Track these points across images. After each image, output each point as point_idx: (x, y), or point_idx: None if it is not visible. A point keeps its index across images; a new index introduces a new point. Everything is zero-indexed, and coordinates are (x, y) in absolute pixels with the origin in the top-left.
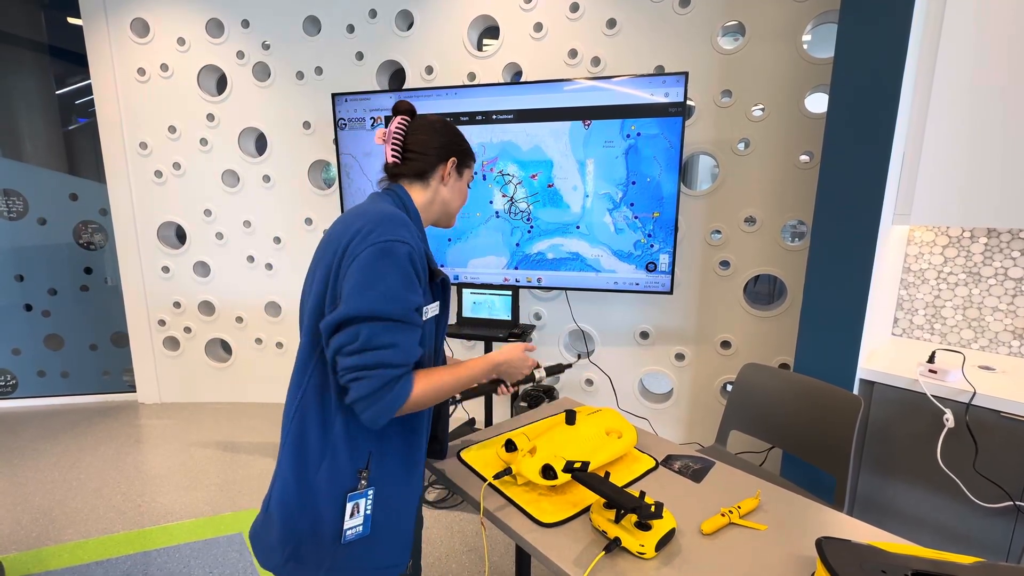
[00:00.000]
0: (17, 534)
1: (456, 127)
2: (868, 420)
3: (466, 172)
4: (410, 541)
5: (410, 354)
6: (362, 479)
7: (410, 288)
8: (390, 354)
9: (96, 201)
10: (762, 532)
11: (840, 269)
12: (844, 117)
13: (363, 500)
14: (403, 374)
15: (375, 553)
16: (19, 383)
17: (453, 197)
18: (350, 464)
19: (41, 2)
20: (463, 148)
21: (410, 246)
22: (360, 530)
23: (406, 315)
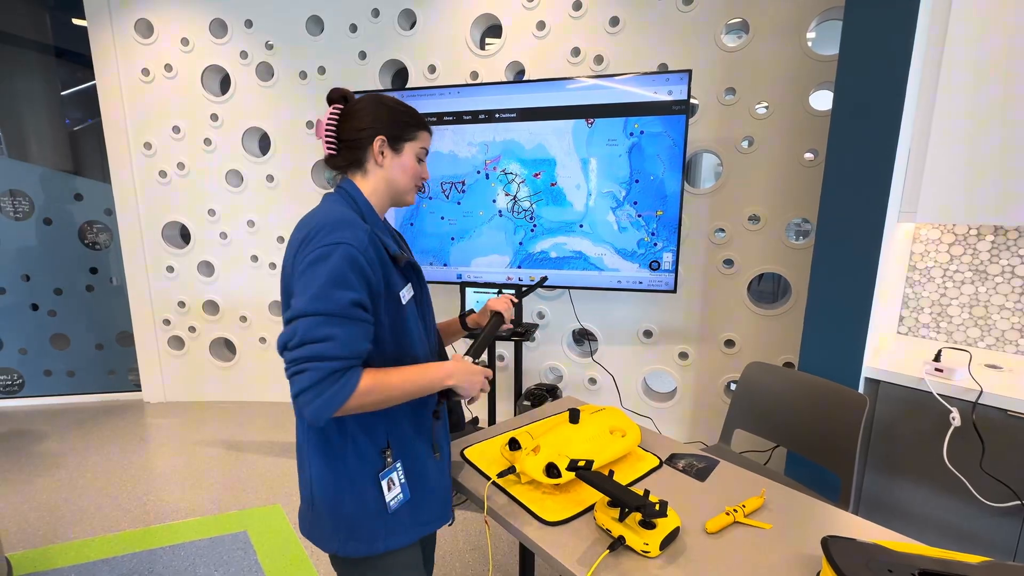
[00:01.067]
0: (24, 532)
1: (390, 101)
2: (873, 419)
3: (406, 146)
4: (449, 496)
5: (350, 347)
6: (387, 457)
7: (343, 286)
8: (327, 347)
9: (101, 201)
10: (767, 531)
11: (845, 267)
12: (849, 114)
13: (394, 474)
14: (345, 367)
15: (421, 511)
16: (25, 382)
17: (396, 176)
18: (372, 447)
19: (46, 3)
20: (394, 121)
21: (348, 244)
22: (401, 497)
23: (342, 310)
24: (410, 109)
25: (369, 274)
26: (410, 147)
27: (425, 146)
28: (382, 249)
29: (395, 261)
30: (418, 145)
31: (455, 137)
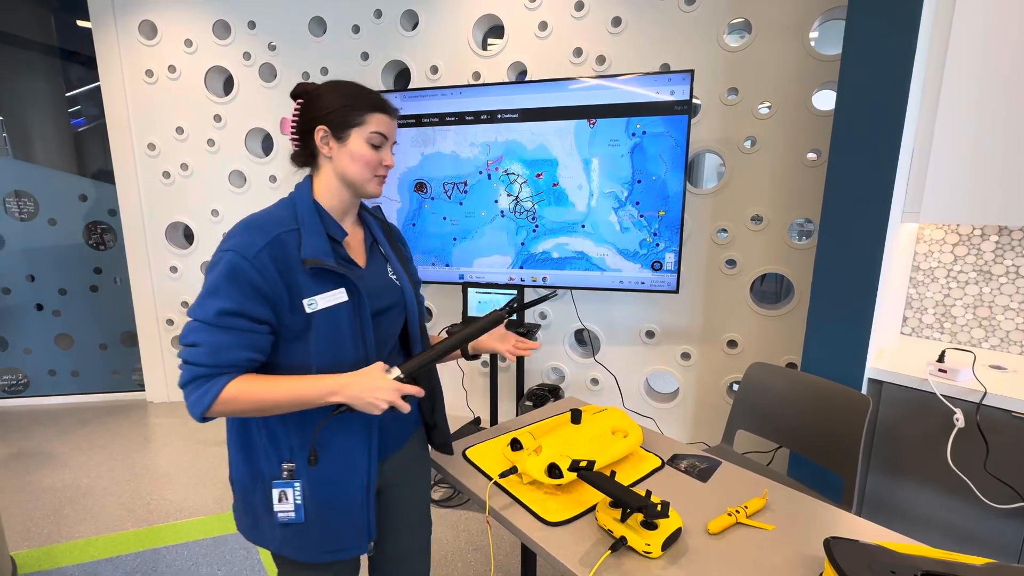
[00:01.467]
0: (29, 531)
1: (342, 87)
2: (877, 420)
3: (353, 133)
4: (364, 528)
5: (215, 356)
6: (285, 470)
7: (215, 295)
8: (194, 352)
9: (105, 202)
10: (769, 532)
11: (848, 267)
12: (852, 114)
13: (290, 490)
14: (209, 374)
15: (322, 538)
16: (30, 382)
17: (345, 167)
18: (275, 454)
19: (51, 5)
20: (337, 108)
21: (235, 252)
22: (292, 516)
23: (211, 319)
24: (359, 92)
25: (258, 281)
26: (358, 133)
27: (379, 130)
28: (293, 253)
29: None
30: (368, 130)
31: (457, 138)
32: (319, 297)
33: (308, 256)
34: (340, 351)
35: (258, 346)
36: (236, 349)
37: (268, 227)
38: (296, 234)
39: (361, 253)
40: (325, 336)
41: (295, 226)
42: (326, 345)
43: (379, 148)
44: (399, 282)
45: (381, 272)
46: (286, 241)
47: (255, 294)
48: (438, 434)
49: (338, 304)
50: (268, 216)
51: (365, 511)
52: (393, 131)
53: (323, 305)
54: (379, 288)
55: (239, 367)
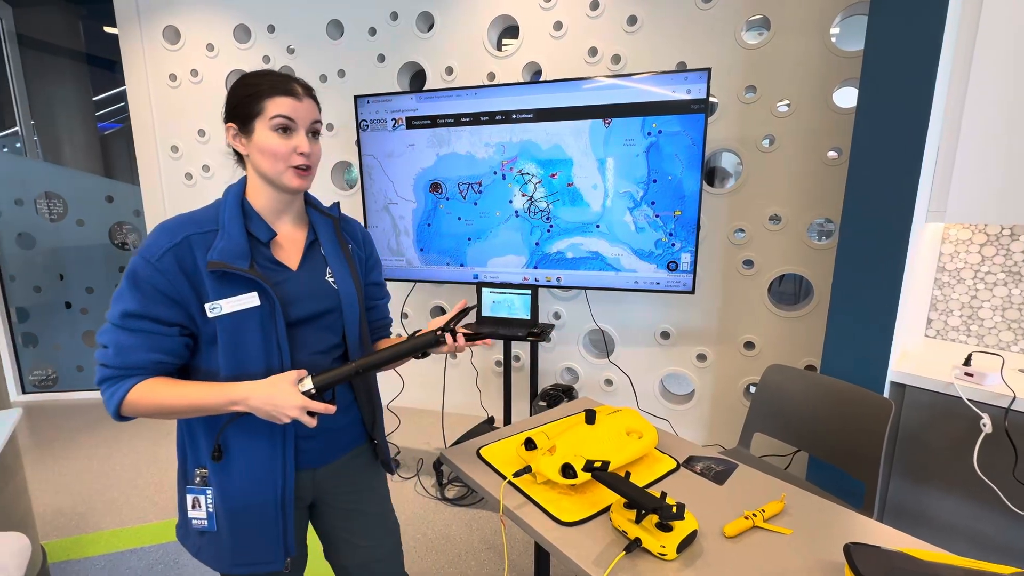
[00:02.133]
0: (58, 521)
1: (238, 81)
2: (899, 424)
3: (256, 124)
4: (278, 542)
5: (121, 358)
6: (198, 476)
7: (120, 298)
8: (102, 353)
9: (130, 203)
10: (787, 536)
11: (870, 268)
12: (875, 111)
13: (203, 497)
14: (116, 376)
15: (235, 550)
16: (59, 378)
17: (258, 162)
18: (193, 457)
19: (79, 12)
20: (235, 103)
21: (140, 257)
22: (205, 524)
23: (117, 321)
24: (258, 78)
25: (161, 283)
26: (260, 123)
27: (280, 112)
28: (199, 256)
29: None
30: (268, 116)
31: (472, 138)
32: (224, 301)
33: (213, 259)
34: (247, 359)
35: (166, 348)
36: (141, 351)
37: (179, 229)
38: (211, 236)
39: (295, 254)
40: (231, 342)
41: (214, 227)
42: (231, 352)
43: (288, 134)
44: (336, 285)
45: (316, 275)
46: (195, 243)
47: (159, 296)
48: (380, 450)
49: (247, 309)
50: (187, 217)
51: (279, 525)
52: (304, 113)
53: (228, 310)
54: (309, 292)
55: (146, 369)
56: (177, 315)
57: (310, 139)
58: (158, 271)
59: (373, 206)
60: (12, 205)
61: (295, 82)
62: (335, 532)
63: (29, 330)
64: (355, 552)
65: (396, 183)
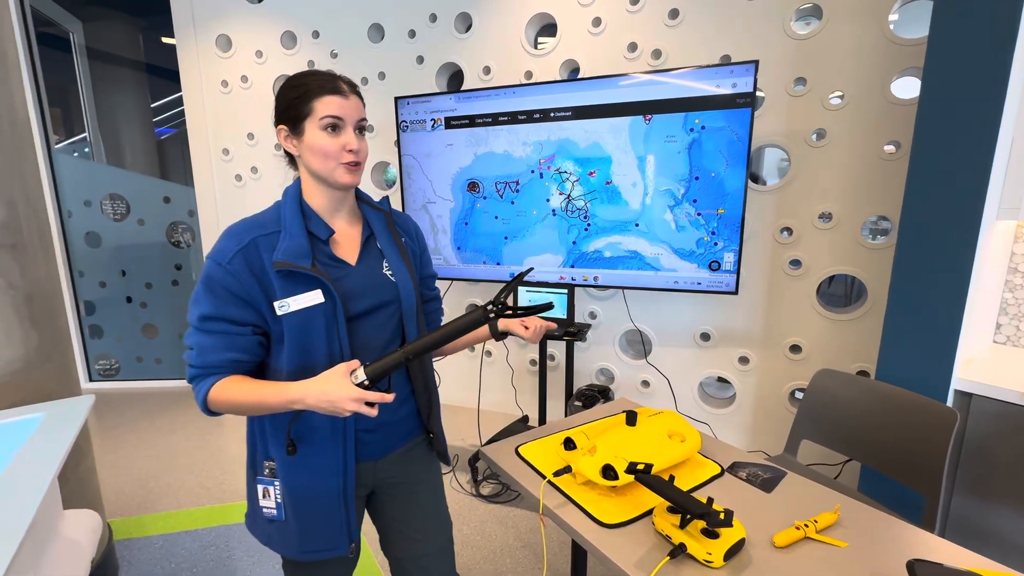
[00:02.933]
0: (121, 501)
1: (285, 83)
2: (964, 436)
3: (306, 125)
4: (343, 530)
5: (202, 358)
6: (267, 468)
7: (196, 302)
8: (187, 354)
9: (185, 203)
10: (842, 549)
11: (933, 269)
12: (940, 101)
13: (271, 488)
14: (200, 374)
15: (302, 538)
16: (121, 367)
17: (309, 161)
18: (262, 450)
19: (139, 25)
20: (284, 105)
21: (212, 260)
22: (274, 513)
23: (196, 323)
24: (304, 79)
25: (233, 285)
26: (310, 124)
27: (329, 113)
28: (266, 257)
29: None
30: (318, 116)
31: (509, 137)
32: (291, 299)
33: (279, 258)
34: (311, 354)
35: (241, 347)
36: (219, 351)
37: (245, 233)
38: (275, 236)
39: (354, 250)
40: (297, 338)
41: (277, 228)
42: (297, 347)
43: (337, 132)
44: (395, 279)
45: (374, 269)
46: (261, 245)
47: (232, 298)
48: (436, 442)
49: (312, 306)
50: (251, 221)
51: (343, 513)
52: (351, 111)
53: (295, 307)
54: (368, 287)
55: (224, 368)
56: (249, 315)
57: (357, 135)
58: (229, 273)
59: (412, 205)
60: (81, 206)
61: (340, 80)
62: (392, 524)
63: (95, 322)
64: (410, 545)
65: (434, 183)
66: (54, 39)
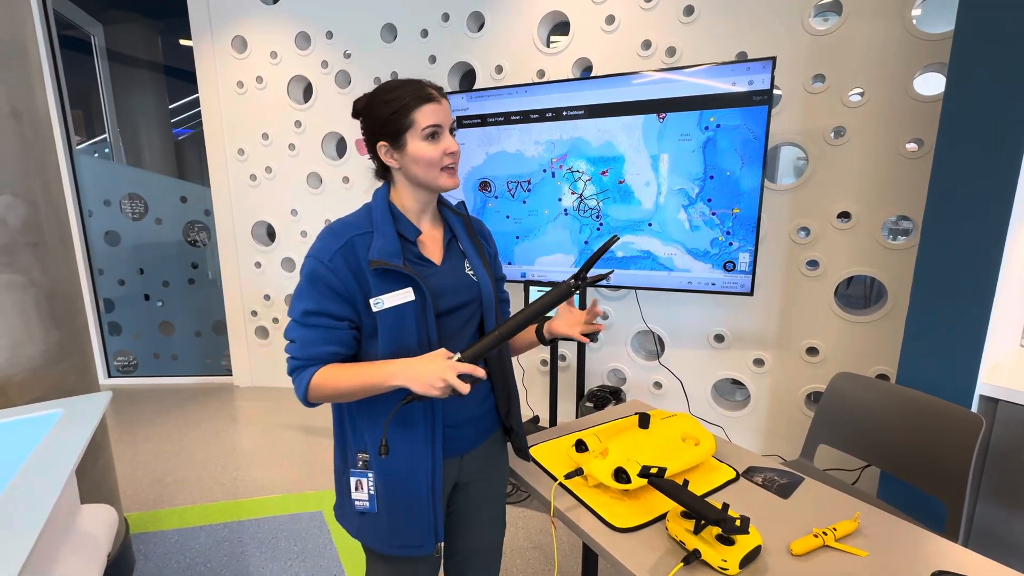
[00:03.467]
0: (138, 495)
1: (377, 98)
2: (989, 442)
3: (407, 137)
4: (430, 528)
5: (304, 351)
6: (360, 460)
7: (300, 297)
8: (290, 347)
9: (201, 203)
10: (862, 559)
11: (958, 270)
12: (966, 98)
13: (364, 480)
14: (300, 366)
15: (391, 531)
16: (139, 364)
17: (412, 171)
18: (354, 443)
19: (158, 27)
20: (383, 121)
21: (313, 258)
22: (367, 505)
23: (299, 318)
24: (399, 92)
25: (334, 282)
26: (411, 135)
27: (429, 123)
28: (361, 256)
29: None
30: (420, 127)
31: (521, 136)
32: (386, 296)
33: (374, 257)
34: (403, 348)
35: (340, 340)
36: (319, 344)
37: (342, 232)
38: (369, 236)
39: (438, 250)
40: (390, 333)
41: (369, 229)
42: (393, 342)
43: (437, 139)
44: (476, 279)
45: (458, 269)
46: (357, 244)
47: (333, 294)
48: (515, 439)
49: (404, 303)
50: (346, 222)
51: (431, 511)
52: (445, 115)
53: (389, 304)
54: (453, 286)
55: (323, 360)
56: (347, 310)
57: (452, 138)
58: (330, 271)
59: None
60: (101, 205)
61: (430, 87)
62: (459, 516)
63: (114, 319)
64: (469, 539)
65: None
66: (76, 42)
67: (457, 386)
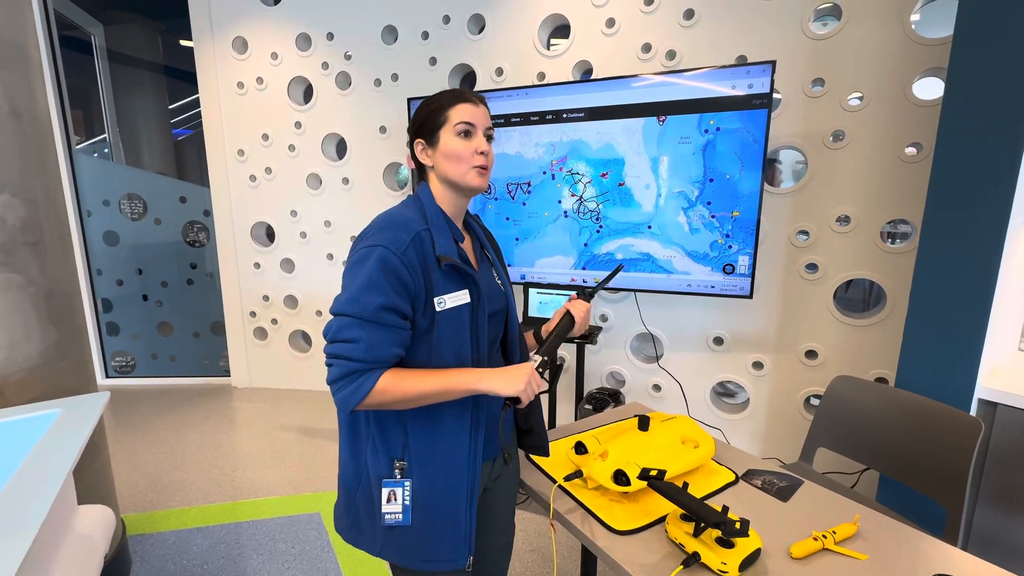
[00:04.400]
0: (135, 497)
1: (421, 104)
2: (988, 446)
3: (440, 134)
4: (465, 539)
5: (372, 352)
6: (396, 468)
7: (374, 290)
8: (350, 348)
9: (200, 203)
10: (862, 562)
11: (956, 274)
12: (965, 102)
13: (400, 489)
14: (363, 369)
15: (423, 544)
16: (136, 364)
17: (444, 168)
18: (385, 452)
19: (159, 28)
20: (421, 118)
21: (385, 248)
22: (399, 518)
23: (371, 315)
24: (439, 95)
25: (406, 277)
26: (444, 132)
27: (462, 119)
28: (429, 251)
29: (439, 263)
30: (453, 123)
31: (522, 138)
32: (448, 296)
33: (442, 253)
34: (461, 350)
35: (404, 341)
36: (389, 345)
37: (409, 225)
38: (429, 233)
39: (472, 257)
40: (450, 335)
41: (426, 225)
42: (449, 344)
43: (470, 137)
44: (504, 288)
45: (490, 277)
46: (424, 238)
47: (403, 290)
48: (534, 437)
49: (462, 304)
50: (404, 215)
51: (467, 519)
52: (481, 118)
53: (450, 304)
54: (490, 291)
55: (389, 363)
56: (410, 309)
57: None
58: (404, 264)
59: None
60: (100, 206)
61: (470, 92)
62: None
63: (112, 320)
64: (482, 539)
65: None
66: (76, 42)
67: (536, 382)
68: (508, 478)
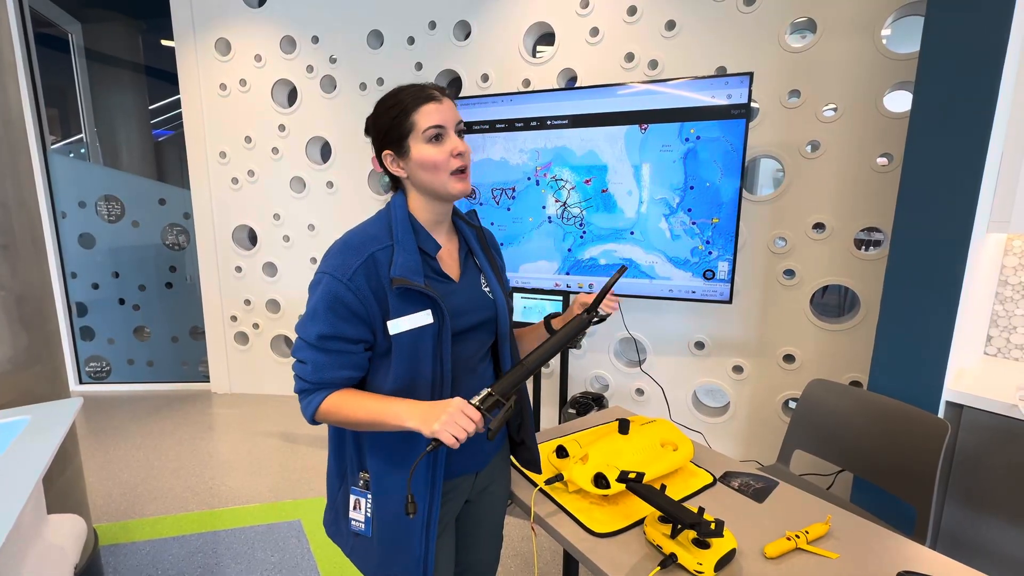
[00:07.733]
0: (108, 506)
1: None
2: (956, 447)
3: (409, 142)
4: (420, 563)
5: (316, 375)
6: (362, 479)
7: (314, 319)
8: (300, 368)
9: (181, 206)
10: (833, 561)
11: (925, 280)
12: (931, 116)
13: (363, 500)
14: (311, 389)
15: (381, 559)
16: (112, 369)
17: (418, 177)
18: (357, 460)
19: (139, 27)
20: (385, 128)
21: (331, 276)
22: (362, 527)
23: (312, 341)
24: (392, 101)
25: (353, 303)
26: (414, 139)
27: (431, 124)
28: (384, 272)
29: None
30: (420, 130)
31: (506, 144)
32: (404, 319)
33: (396, 275)
34: (416, 373)
35: (355, 364)
36: (334, 368)
37: (363, 246)
38: (390, 250)
39: (455, 266)
40: (406, 357)
41: (390, 242)
42: (404, 367)
43: (441, 140)
44: (492, 296)
45: (475, 285)
46: (379, 259)
47: (351, 316)
48: (524, 451)
49: (424, 326)
50: (364, 234)
51: (422, 544)
52: (449, 115)
53: (406, 327)
54: (471, 304)
55: (336, 384)
56: (363, 332)
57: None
58: (350, 290)
59: None
60: (76, 207)
61: (431, 87)
62: (464, 530)
63: (87, 324)
64: (469, 552)
65: None
66: (53, 39)
67: (469, 432)
68: (497, 490)
